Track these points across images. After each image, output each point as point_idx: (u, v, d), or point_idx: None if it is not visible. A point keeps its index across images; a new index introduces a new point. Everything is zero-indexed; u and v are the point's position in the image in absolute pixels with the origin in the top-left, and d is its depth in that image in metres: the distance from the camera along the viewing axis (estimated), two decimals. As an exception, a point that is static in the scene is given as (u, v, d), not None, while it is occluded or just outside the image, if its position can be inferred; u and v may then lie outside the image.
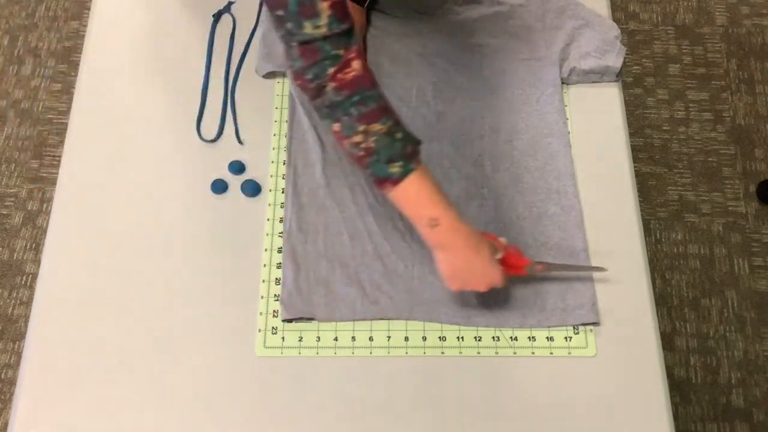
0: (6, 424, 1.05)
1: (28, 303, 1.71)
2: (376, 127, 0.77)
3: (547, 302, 0.92)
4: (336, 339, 0.91)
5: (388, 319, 0.92)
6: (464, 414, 0.87)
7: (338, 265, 0.94)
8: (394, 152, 0.78)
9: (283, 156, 1.02)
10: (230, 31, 1.11)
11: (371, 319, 0.92)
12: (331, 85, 0.76)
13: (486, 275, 0.83)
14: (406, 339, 0.91)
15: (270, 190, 1.00)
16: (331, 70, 0.75)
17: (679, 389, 1.61)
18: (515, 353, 0.90)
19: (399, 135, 0.78)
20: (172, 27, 0.92)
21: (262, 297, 0.93)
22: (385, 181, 0.79)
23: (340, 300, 0.92)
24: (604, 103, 1.06)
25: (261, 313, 0.92)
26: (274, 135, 1.04)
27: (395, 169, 0.78)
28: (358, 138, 0.78)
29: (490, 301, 0.92)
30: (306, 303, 0.92)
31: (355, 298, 0.92)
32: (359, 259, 0.94)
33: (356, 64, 0.76)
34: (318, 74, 0.76)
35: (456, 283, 0.85)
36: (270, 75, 1.07)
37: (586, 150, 1.02)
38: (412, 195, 0.80)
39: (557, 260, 0.94)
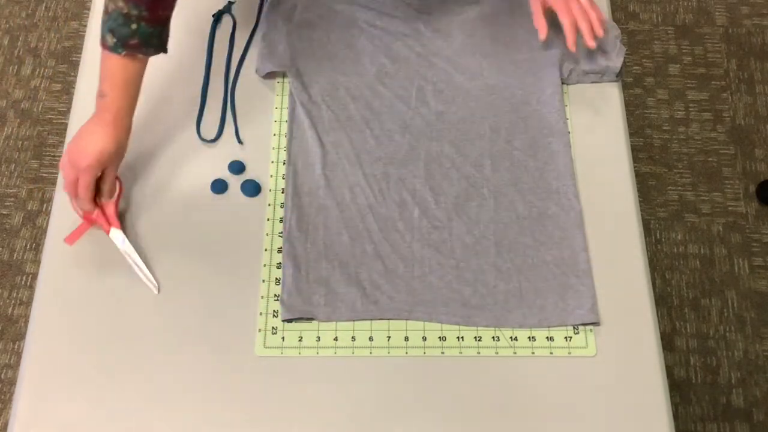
0: (6, 424, 1.05)
1: (28, 303, 1.71)
2: (120, 4, 0.85)
3: (547, 302, 0.92)
4: (336, 339, 0.91)
5: (388, 319, 0.92)
6: (464, 414, 0.87)
7: (338, 265, 0.94)
8: (119, 31, 0.86)
9: (283, 156, 1.02)
10: (230, 31, 1.11)
11: (371, 319, 0.92)
12: None
13: (73, 150, 0.90)
14: (406, 339, 0.91)
15: (270, 190, 1.00)
16: None
17: (679, 389, 1.61)
18: (515, 353, 0.90)
19: (134, 26, 0.86)
20: (172, 27, 0.92)
21: (262, 297, 0.93)
22: (102, 40, 0.88)
23: (340, 300, 0.92)
24: (604, 103, 1.06)
25: (261, 313, 0.92)
26: (274, 135, 1.04)
27: (111, 40, 0.87)
28: None
29: (490, 301, 0.92)
30: (306, 303, 0.92)
31: (355, 298, 0.92)
32: (359, 259, 0.94)
33: None
34: None
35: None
36: (270, 75, 1.07)
37: (586, 150, 1.02)
38: (108, 69, 0.90)
39: (554, 261, 0.94)
